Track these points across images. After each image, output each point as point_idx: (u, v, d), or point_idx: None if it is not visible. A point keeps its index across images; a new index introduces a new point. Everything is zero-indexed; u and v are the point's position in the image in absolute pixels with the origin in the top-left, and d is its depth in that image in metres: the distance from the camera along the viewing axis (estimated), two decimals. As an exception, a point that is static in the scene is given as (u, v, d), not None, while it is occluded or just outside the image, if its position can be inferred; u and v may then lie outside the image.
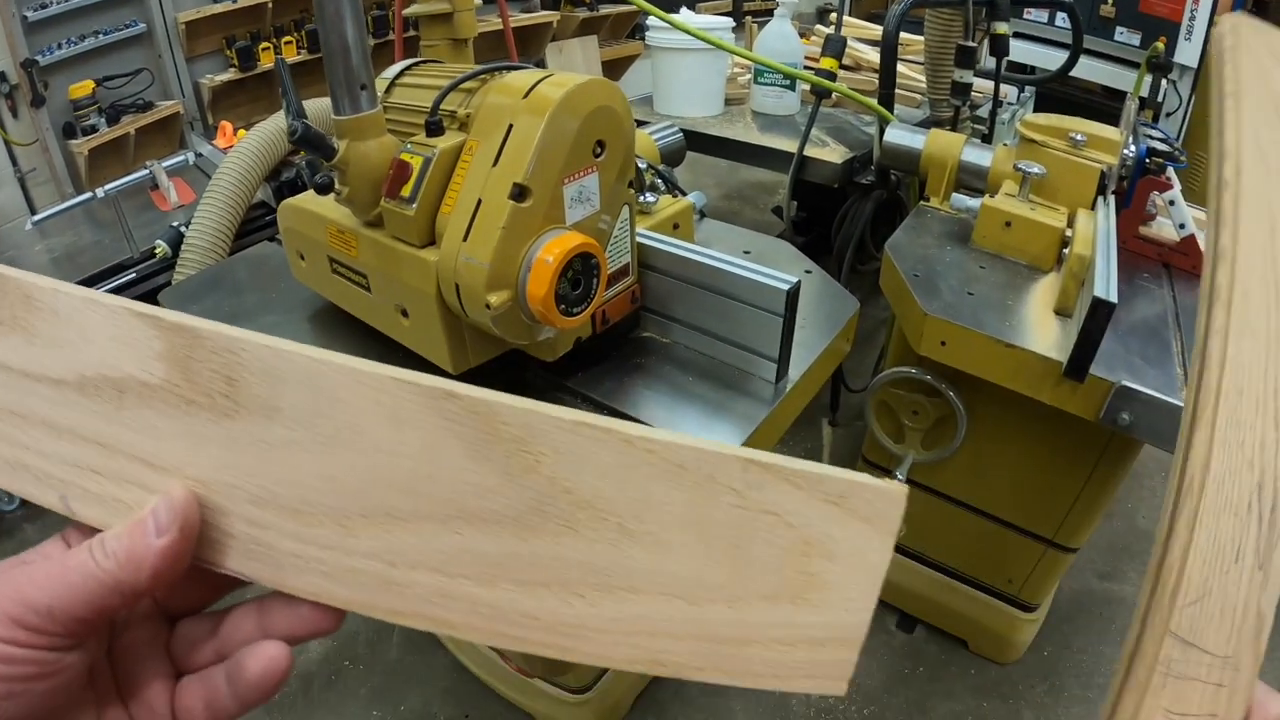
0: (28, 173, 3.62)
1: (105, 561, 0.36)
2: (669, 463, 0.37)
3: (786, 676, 0.39)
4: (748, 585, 0.38)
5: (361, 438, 0.38)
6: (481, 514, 0.38)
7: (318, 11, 0.82)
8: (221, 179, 1.95)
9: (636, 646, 0.39)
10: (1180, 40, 3.59)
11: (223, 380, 0.39)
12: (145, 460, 0.40)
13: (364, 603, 0.40)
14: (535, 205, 0.83)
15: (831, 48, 1.92)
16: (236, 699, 0.40)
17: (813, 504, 0.37)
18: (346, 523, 0.39)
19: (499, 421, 0.38)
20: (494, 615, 0.39)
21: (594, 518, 0.38)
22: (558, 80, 0.85)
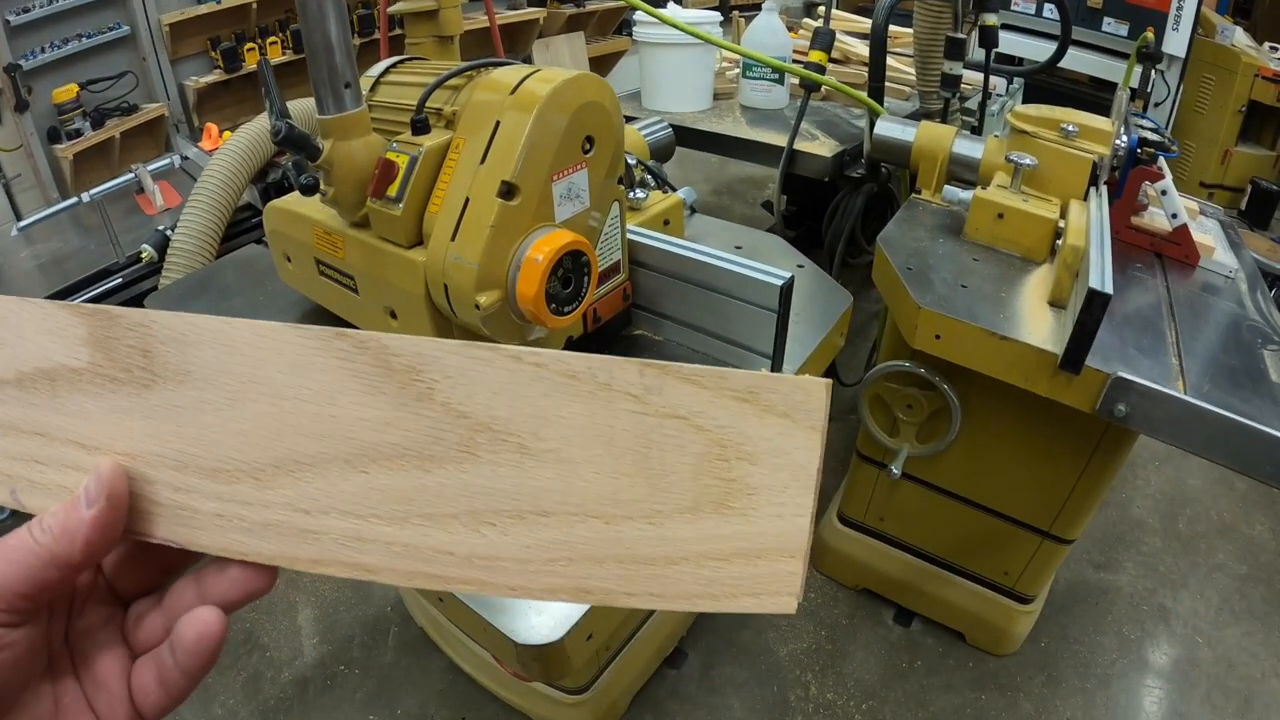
0: (12, 178, 3.59)
1: (42, 537, 0.37)
2: (560, 374, 0.37)
3: (725, 596, 0.38)
4: (665, 497, 0.37)
5: (265, 388, 0.39)
6: (383, 449, 0.39)
7: (300, 10, 0.81)
8: (207, 182, 1.94)
9: (557, 574, 0.38)
10: (1168, 30, 3.59)
11: (139, 354, 0.40)
12: (79, 443, 0.41)
13: (286, 555, 0.40)
14: (524, 203, 0.82)
15: (820, 41, 1.91)
16: (180, 669, 0.40)
17: (720, 403, 0.36)
18: (260, 475, 0.40)
19: (389, 354, 0.38)
20: (409, 554, 0.39)
21: (493, 440, 0.38)
22: (545, 76, 0.84)
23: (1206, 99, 3.93)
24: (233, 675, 1.87)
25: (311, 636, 1.97)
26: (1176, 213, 1.52)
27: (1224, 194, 4.01)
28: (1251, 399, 1.12)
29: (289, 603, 2.05)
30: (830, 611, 2.00)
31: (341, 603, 2.04)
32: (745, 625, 1.96)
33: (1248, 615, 2.01)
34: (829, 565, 2.07)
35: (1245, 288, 1.51)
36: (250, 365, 0.39)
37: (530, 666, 0.78)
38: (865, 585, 2.01)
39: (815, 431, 0.36)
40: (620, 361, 0.37)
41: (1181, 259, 1.55)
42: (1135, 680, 1.85)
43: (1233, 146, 3.94)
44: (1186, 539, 2.25)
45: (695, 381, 0.36)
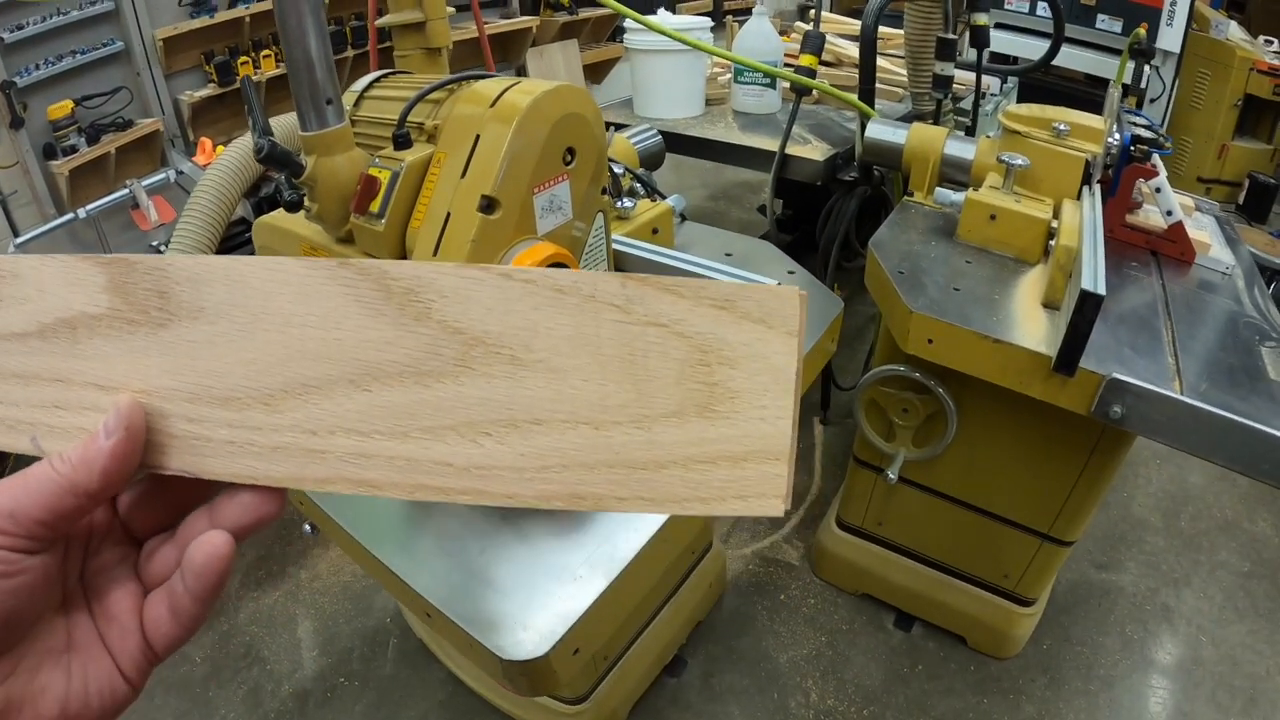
0: (9, 195, 3.58)
1: (61, 466, 0.39)
2: (547, 289, 0.39)
3: (714, 499, 0.39)
4: (651, 402, 0.39)
5: (273, 318, 0.42)
6: (385, 367, 0.41)
7: (280, 26, 0.81)
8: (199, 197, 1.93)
9: (551, 481, 0.40)
10: (1162, 26, 3.59)
11: (156, 295, 0.42)
12: (98, 384, 0.43)
13: (294, 476, 0.42)
14: (505, 217, 0.81)
15: (810, 44, 1.91)
16: (190, 595, 0.41)
17: (699, 310, 0.38)
18: (270, 400, 0.42)
19: (389, 278, 0.40)
20: (410, 467, 0.41)
21: (487, 353, 0.40)
22: (525, 87, 0.83)
23: (1202, 94, 3.93)
24: (233, 689, 1.87)
25: (311, 649, 1.96)
26: (1171, 210, 1.52)
27: (1222, 188, 4.01)
28: (1250, 397, 1.12)
29: (289, 616, 2.04)
30: (830, 617, 1.99)
31: (341, 615, 2.04)
32: (745, 632, 1.95)
33: (1251, 612, 2.00)
34: (828, 571, 2.06)
35: (1242, 284, 1.51)
36: (260, 298, 0.42)
37: (518, 681, 0.77)
38: (865, 590, 2.01)
39: (791, 336, 0.38)
40: (604, 275, 0.39)
41: (1177, 256, 1.54)
42: (1139, 681, 1.84)
43: (1229, 141, 3.94)
44: (1189, 537, 2.24)
45: (675, 291, 0.38)
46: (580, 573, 0.81)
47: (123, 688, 0.42)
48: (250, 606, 2.07)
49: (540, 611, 0.78)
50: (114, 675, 0.42)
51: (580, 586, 0.79)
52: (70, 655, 0.41)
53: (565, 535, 0.86)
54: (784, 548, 2.19)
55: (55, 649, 0.41)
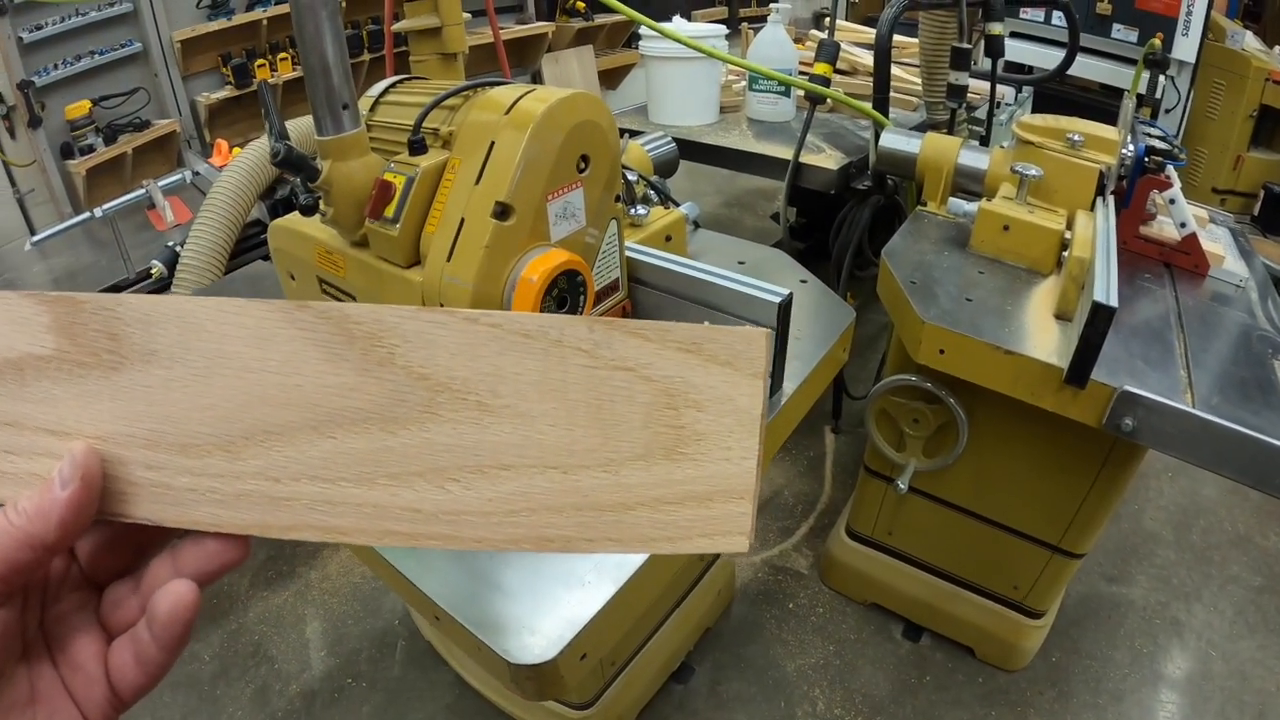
0: (26, 193, 3.62)
1: (16, 518, 0.37)
2: (514, 333, 0.39)
3: (680, 538, 0.40)
4: (618, 446, 0.39)
5: (231, 362, 0.41)
6: (348, 414, 0.40)
7: (297, 32, 0.82)
8: (215, 198, 1.95)
9: (519, 525, 0.40)
10: (1177, 36, 3.57)
11: (105, 337, 0.41)
12: (50, 429, 0.42)
13: (258, 524, 0.41)
14: (518, 223, 0.82)
15: (825, 53, 1.91)
16: (156, 644, 0.40)
17: (666, 354, 0.39)
18: (231, 447, 0.41)
19: (350, 322, 0.40)
20: (378, 514, 0.41)
21: (453, 399, 0.40)
22: (540, 95, 0.84)
23: (1217, 104, 3.90)
24: (241, 687, 1.88)
25: (319, 649, 1.97)
26: (1185, 222, 1.51)
27: (1236, 199, 3.98)
28: (1262, 411, 1.11)
29: (297, 616, 2.05)
30: (838, 626, 1.99)
31: (350, 616, 2.05)
32: (753, 640, 1.95)
33: (1262, 627, 1.99)
34: (837, 580, 2.06)
35: (1256, 296, 1.50)
36: (215, 340, 0.41)
37: (525, 685, 0.77)
38: (874, 600, 2.00)
39: (757, 379, 0.38)
40: (571, 319, 0.39)
41: (1191, 269, 1.54)
42: (1148, 695, 1.83)
43: (1245, 151, 3.92)
44: (1200, 551, 2.23)
45: (641, 335, 0.39)
46: (588, 578, 0.81)
47: None
48: (259, 606, 2.08)
49: (548, 616, 0.78)
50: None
51: (588, 592, 0.80)
52: (35, 708, 0.41)
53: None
54: (793, 556, 2.19)
55: (19, 701, 0.40)
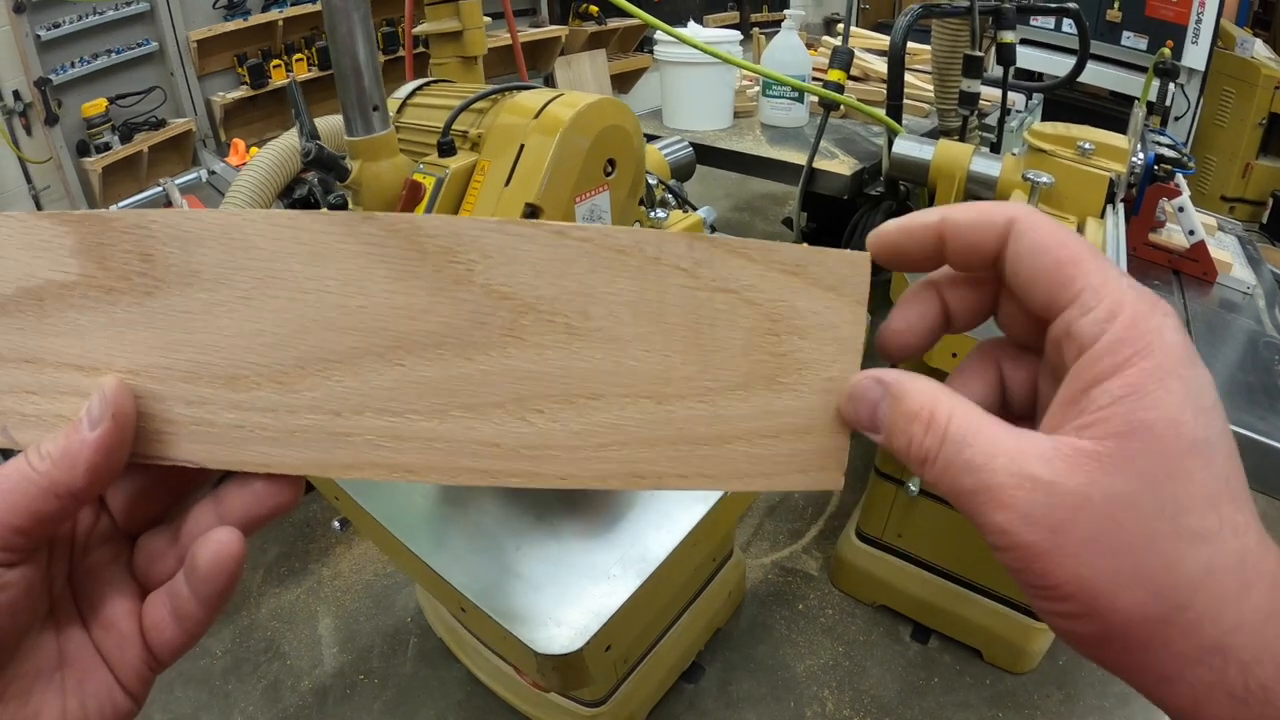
0: (42, 190, 3.64)
1: (40, 463, 0.34)
2: (607, 249, 0.35)
3: (776, 473, 0.37)
4: (717, 374, 0.36)
5: (283, 283, 0.36)
6: (420, 338, 0.36)
7: (330, 33, 0.84)
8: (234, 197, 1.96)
9: (608, 460, 0.37)
10: (1187, 43, 3.59)
11: (138, 258, 0.36)
12: (75, 364, 0.37)
13: (316, 462, 0.37)
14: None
15: (839, 60, 1.92)
16: (196, 598, 0.37)
17: (770, 276, 0.36)
18: (283, 378, 0.37)
19: (422, 235, 0.35)
20: (451, 449, 0.37)
21: (538, 321, 0.36)
22: (568, 100, 0.86)
23: (1226, 112, 3.91)
24: (253, 683, 1.89)
25: (331, 646, 1.98)
26: (1194, 229, 1.53)
27: (1245, 207, 3.99)
28: (1268, 416, 1.13)
29: (310, 612, 2.07)
30: (847, 628, 2.00)
31: (362, 613, 2.06)
32: (762, 640, 1.97)
33: (1268, 634, 1.99)
34: (846, 582, 2.07)
35: (1263, 304, 1.52)
36: (266, 259, 0.36)
37: (549, 676, 0.79)
38: (882, 602, 2.01)
39: (860, 305, 0.36)
40: (669, 235, 0.36)
41: (1199, 276, 1.55)
42: (1154, 699, 1.84)
43: (1254, 159, 3.92)
44: (1207, 557, 2.23)
45: (745, 255, 0.35)
46: (613, 571, 0.83)
47: (124, 702, 0.38)
48: (272, 602, 2.09)
49: (574, 608, 0.80)
50: (114, 689, 0.38)
51: (614, 585, 0.81)
52: (64, 672, 0.37)
53: (598, 535, 0.88)
54: (803, 558, 2.21)
55: (46, 667, 0.36)
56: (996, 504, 0.29)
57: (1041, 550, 0.28)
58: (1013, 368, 0.38)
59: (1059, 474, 0.29)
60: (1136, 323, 0.30)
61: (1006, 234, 0.33)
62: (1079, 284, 0.31)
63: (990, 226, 0.34)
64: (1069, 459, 0.29)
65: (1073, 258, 0.32)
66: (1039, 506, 0.28)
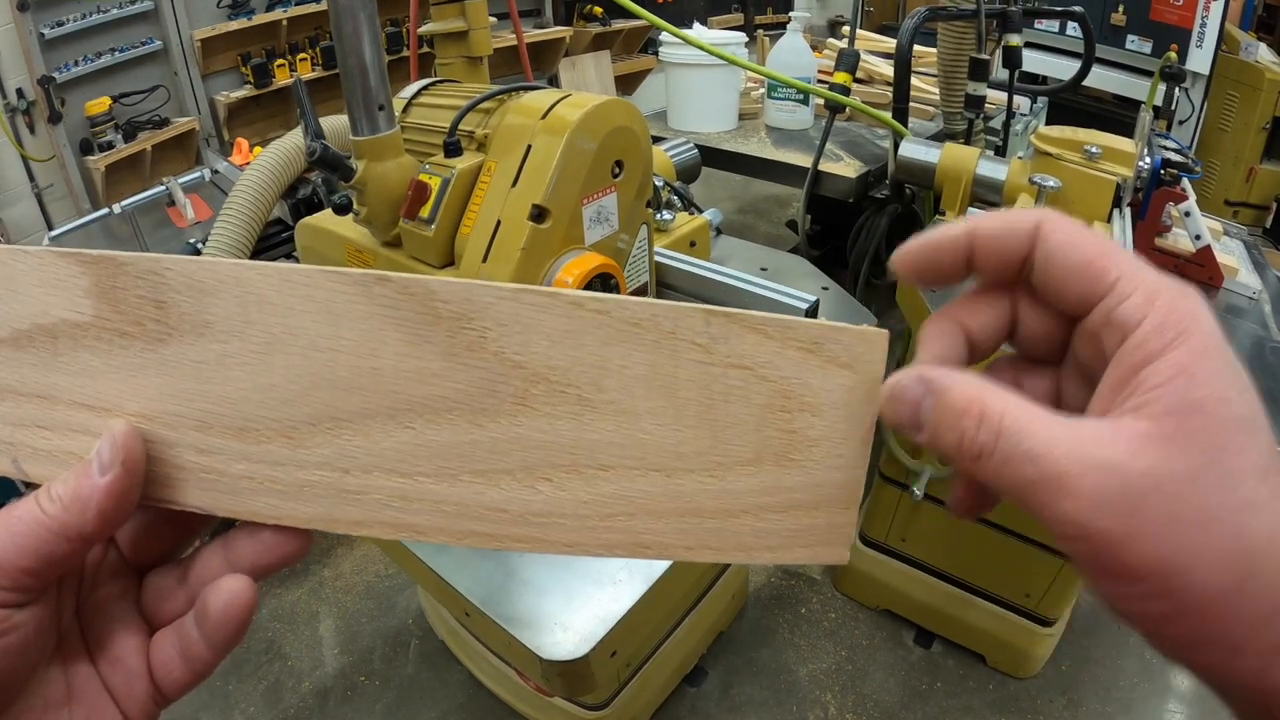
0: (45, 188, 3.63)
1: (50, 506, 0.34)
2: (623, 322, 0.35)
3: (782, 547, 0.38)
4: (727, 449, 0.36)
5: (296, 339, 0.36)
6: (431, 403, 0.36)
7: (336, 33, 0.83)
8: (238, 196, 1.96)
9: (615, 530, 0.37)
10: (1191, 47, 3.58)
11: (151, 305, 0.36)
12: (87, 404, 0.37)
13: (324, 518, 0.38)
14: (554, 226, 0.83)
15: (844, 63, 1.92)
16: (206, 642, 0.37)
17: (786, 353, 0.36)
18: (293, 434, 0.37)
19: (436, 300, 0.35)
20: (459, 513, 0.37)
21: (550, 391, 0.36)
22: (575, 101, 0.85)
23: (1230, 116, 3.91)
24: (254, 684, 1.89)
25: (333, 647, 1.98)
26: (1200, 234, 1.52)
27: (1249, 212, 3.98)
28: (1274, 422, 1.12)
29: (311, 613, 2.06)
30: (850, 632, 2.00)
31: (363, 614, 2.06)
32: (765, 644, 1.96)
33: (1272, 640, 1.99)
34: (850, 585, 2.06)
35: (1269, 309, 1.51)
36: (279, 314, 0.36)
37: (554, 682, 0.79)
38: (886, 606, 2.01)
39: (875, 383, 0.36)
40: (685, 308, 0.35)
41: (1205, 281, 1.55)
42: (1157, 704, 1.84)
43: (1257, 164, 3.92)
44: (1211, 562, 2.23)
45: (761, 331, 0.35)
46: (619, 576, 0.82)
47: None
48: (273, 603, 2.09)
49: (579, 613, 0.79)
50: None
51: (619, 590, 0.81)
52: (71, 707, 0.37)
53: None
54: (805, 561, 2.20)
55: (54, 702, 0.36)
56: (1064, 493, 0.29)
57: (1116, 536, 0.28)
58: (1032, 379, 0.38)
59: (1124, 456, 0.29)
60: (1175, 306, 0.30)
61: (1034, 237, 0.33)
62: (1113, 274, 0.31)
63: (1018, 231, 0.34)
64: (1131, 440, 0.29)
65: (1102, 252, 0.32)
66: (1110, 492, 0.28)
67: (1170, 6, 3.62)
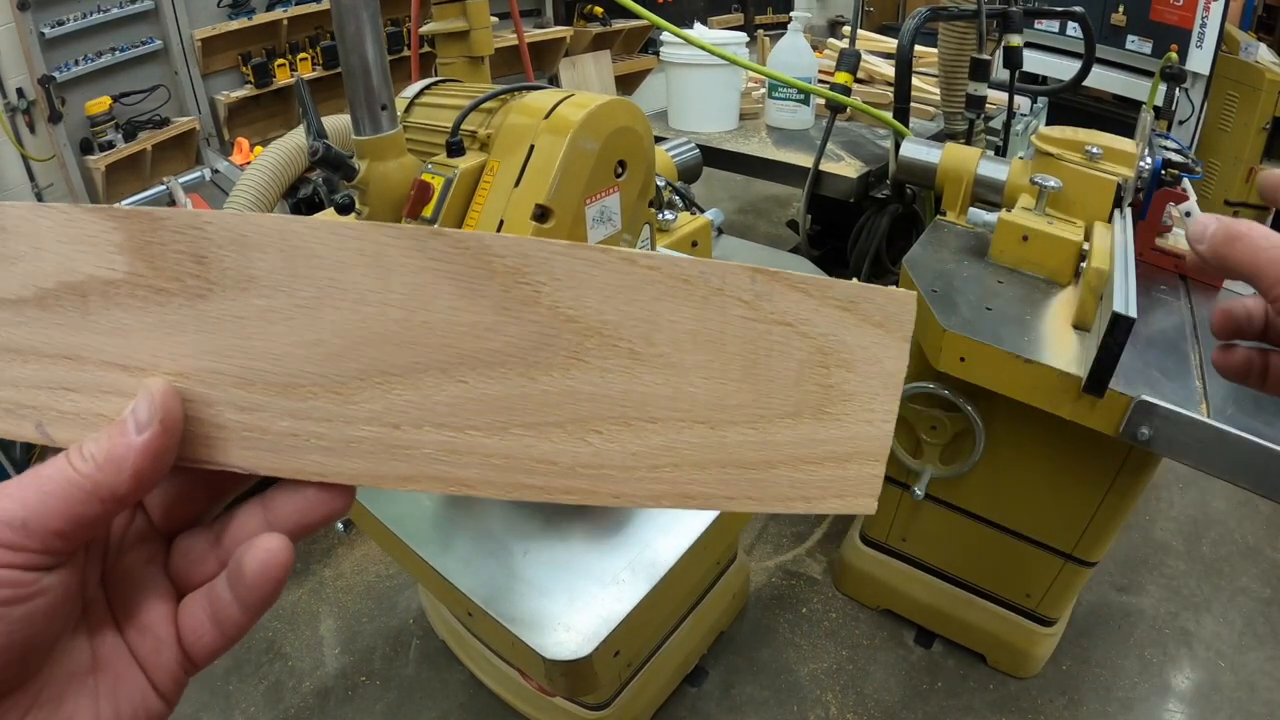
0: (45, 188, 3.63)
1: (83, 465, 0.33)
2: (674, 278, 0.36)
3: (816, 497, 0.39)
4: (769, 403, 0.38)
5: (345, 294, 0.36)
6: (484, 356, 0.36)
7: (338, 32, 0.83)
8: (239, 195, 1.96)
9: (661, 481, 0.38)
10: (1191, 47, 3.58)
11: (191, 260, 0.36)
12: (119, 364, 0.36)
13: (371, 473, 0.37)
14: (557, 226, 0.83)
15: (845, 63, 1.92)
16: (240, 604, 0.36)
17: (825, 311, 0.37)
18: (341, 389, 0.37)
19: (491, 254, 0.36)
20: (509, 466, 0.37)
21: (603, 345, 0.36)
22: (578, 101, 0.85)
23: (1230, 116, 3.90)
24: (254, 683, 1.89)
25: (333, 647, 1.98)
26: (1201, 235, 1.52)
27: (1248, 212, 3.97)
28: (1275, 421, 1.12)
29: (311, 613, 2.07)
30: (851, 631, 2.00)
31: (364, 614, 2.06)
32: (766, 644, 1.96)
33: (1271, 639, 1.99)
34: (851, 585, 2.07)
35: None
36: (327, 269, 0.36)
37: (558, 681, 0.79)
38: (887, 606, 2.01)
39: (905, 341, 0.38)
40: (731, 266, 0.36)
41: (1205, 281, 1.55)
42: (1157, 704, 1.84)
43: (1258, 164, 3.91)
44: (1210, 562, 2.23)
45: (803, 289, 0.37)
46: (622, 576, 0.82)
47: (157, 705, 0.37)
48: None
49: (582, 613, 0.80)
50: (147, 693, 0.37)
51: (623, 590, 0.81)
52: (97, 676, 0.36)
53: (606, 539, 0.88)
54: (807, 561, 2.20)
55: (79, 671, 0.35)
56: None
57: None
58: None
59: None
60: None
61: None
62: None
63: None
64: None
65: None
66: None
67: (1170, 7, 3.62)
